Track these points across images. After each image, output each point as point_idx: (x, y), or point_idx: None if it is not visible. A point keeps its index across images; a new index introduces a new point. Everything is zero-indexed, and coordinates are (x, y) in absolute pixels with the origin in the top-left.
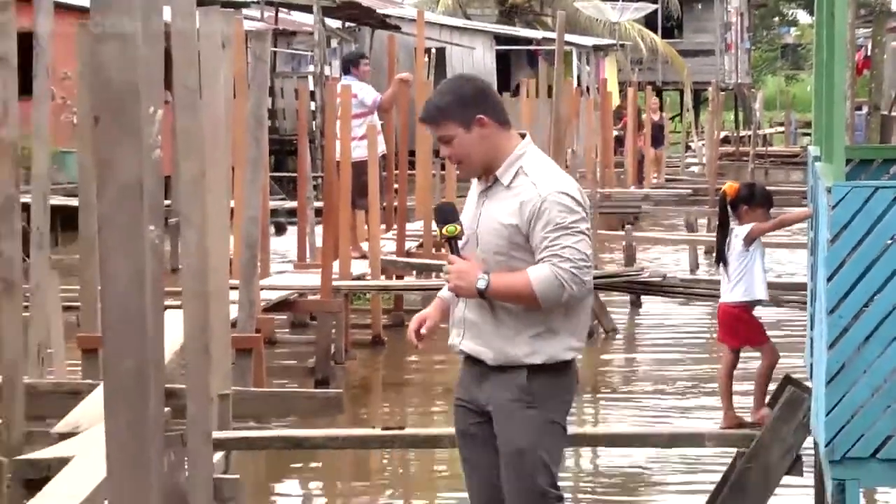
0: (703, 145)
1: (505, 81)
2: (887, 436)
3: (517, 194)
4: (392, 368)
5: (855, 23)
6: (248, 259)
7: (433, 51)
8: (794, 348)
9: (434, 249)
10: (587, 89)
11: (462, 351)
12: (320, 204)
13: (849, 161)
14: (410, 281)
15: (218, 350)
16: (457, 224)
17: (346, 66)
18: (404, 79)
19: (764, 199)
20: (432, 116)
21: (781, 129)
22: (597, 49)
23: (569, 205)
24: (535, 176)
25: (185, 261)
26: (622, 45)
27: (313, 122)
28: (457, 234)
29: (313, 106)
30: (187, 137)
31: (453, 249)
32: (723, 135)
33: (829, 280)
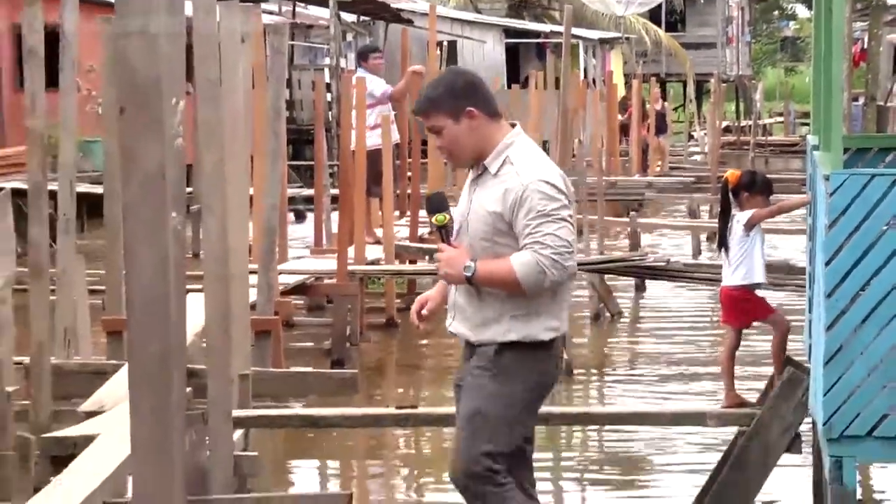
0: (706, 135)
1: (514, 73)
2: (883, 414)
3: (503, 182)
4: (405, 350)
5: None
6: (267, 244)
7: (445, 44)
8: (793, 330)
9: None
10: (593, 81)
11: (452, 332)
12: (336, 191)
13: (846, 150)
14: (423, 266)
15: (238, 332)
16: (446, 213)
17: (359, 60)
18: (417, 71)
19: (764, 187)
20: (423, 108)
21: (781, 119)
22: (603, 42)
23: (550, 193)
24: (519, 165)
25: (206, 246)
26: (627, 39)
27: (329, 113)
28: (446, 223)
29: (329, 97)
30: (208, 128)
31: (443, 238)
32: (724, 125)
33: (827, 264)
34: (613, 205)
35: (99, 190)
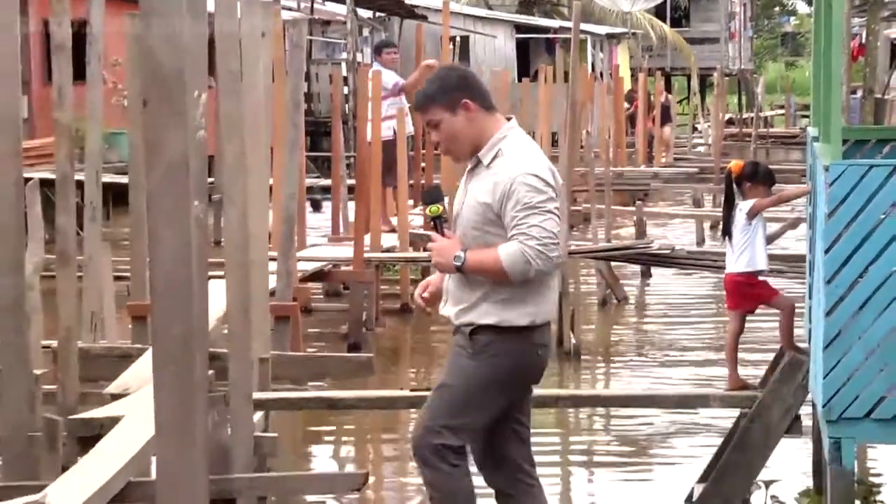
0: (709, 127)
1: (524, 68)
2: (881, 397)
3: (494, 174)
4: (419, 334)
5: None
6: (286, 232)
7: (458, 39)
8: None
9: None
10: (601, 75)
11: (443, 315)
12: (353, 181)
13: (845, 141)
14: None
15: (258, 317)
16: (440, 205)
17: (374, 55)
18: (430, 65)
19: (766, 177)
20: (421, 103)
21: (782, 111)
22: (610, 37)
23: (537, 185)
24: (509, 157)
25: (227, 234)
26: (633, 34)
27: (346, 106)
28: (440, 214)
29: (346, 90)
30: (230, 120)
31: (437, 228)
32: (727, 117)
33: (826, 252)
34: (620, 194)
35: (124, 179)
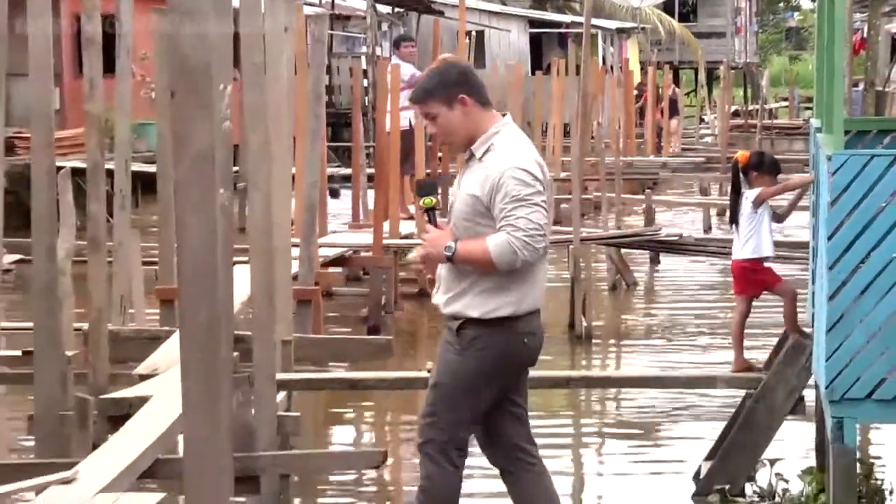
0: (716, 118)
1: (537, 61)
2: (881, 378)
3: (485, 168)
4: (436, 318)
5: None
6: (308, 219)
7: (473, 33)
8: (797, 300)
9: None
10: (611, 68)
11: (434, 303)
12: (372, 170)
13: (847, 132)
14: None
15: (281, 301)
16: (433, 197)
17: (393, 49)
18: (447, 59)
19: (772, 167)
20: (419, 96)
21: (786, 103)
22: (620, 32)
23: (524, 179)
24: (500, 151)
25: (251, 221)
26: (643, 28)
27: (366, 98)
28: (433, 206)
29: (366, 83)
30: (254, 111)
31: (430, 219)
32: (733, 109)
33: (829, 239)
34: (630, 183)
35: (152, 168)
